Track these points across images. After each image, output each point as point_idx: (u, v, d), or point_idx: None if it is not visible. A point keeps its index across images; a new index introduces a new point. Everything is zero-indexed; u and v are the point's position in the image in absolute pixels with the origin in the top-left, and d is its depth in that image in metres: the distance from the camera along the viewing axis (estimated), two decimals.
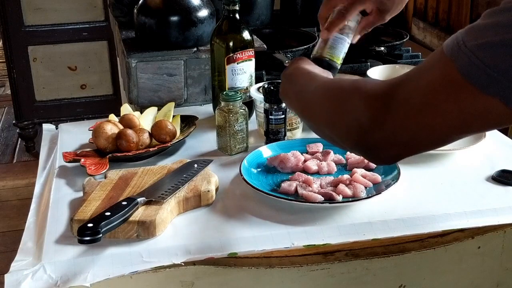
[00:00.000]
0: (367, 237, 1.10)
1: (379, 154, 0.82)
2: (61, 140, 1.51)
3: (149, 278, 1.05)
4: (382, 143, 0.80)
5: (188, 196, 1.17)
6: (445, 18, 2.75)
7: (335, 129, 0.87)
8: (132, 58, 1.63)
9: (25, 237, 1.14)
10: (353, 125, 0.81)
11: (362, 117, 0.80)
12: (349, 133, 0.83)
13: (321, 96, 0.92)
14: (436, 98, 0.73)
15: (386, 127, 0.78)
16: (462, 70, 0.70)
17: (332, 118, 0.87)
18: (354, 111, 0.81)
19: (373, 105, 0.79)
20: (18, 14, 3.37)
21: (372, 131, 0.79)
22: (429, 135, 0.77)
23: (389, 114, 0.77)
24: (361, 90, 0.82)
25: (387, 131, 0.78)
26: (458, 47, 0.71)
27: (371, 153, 0.83)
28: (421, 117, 0.75)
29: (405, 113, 0.76)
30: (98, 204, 1.13)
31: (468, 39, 0.71)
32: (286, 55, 1.76)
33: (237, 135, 1.38)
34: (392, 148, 0.80)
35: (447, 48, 0.73)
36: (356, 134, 0.81)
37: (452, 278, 1.20)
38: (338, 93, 0.88)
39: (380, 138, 0.79)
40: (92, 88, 3.60)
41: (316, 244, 1.08)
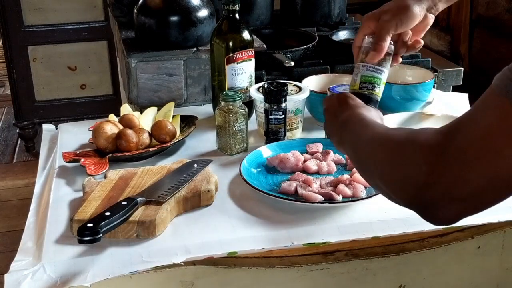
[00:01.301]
0: (367, 235, 1.10)
1: (437, 212, 0.74)
2: (61, 140, 1.51)
3: (149, 278, 1.05)
4: (440, 200, 0.72)
5: (188, 196, 1.17)
6: (445, 18, 2.75)
7: (389, 185, 0.81)
8: (132, 58, 1.63)
9: (25, 237, 1.14)
10: (408, 181, 0.75)
11: (418, 172, 0.73)
12: (404, 189, 0.77)
13: (376, 149, 0.86)
14: (496, 143, 0.67)
15: (442, 182, 0.71)
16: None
17: (387, 173, 0.81)
18: (409, 166, 0.75)
19: (428, 158, 0.72)
20: (18, 14, 3.37)
21: (428, 187, 0.72)
22: (492, 186, 0.69)
23: (445, 168, 0.70)
24: (415, 142, 0.76)
25: (445, 186, 0.71)
26: (510, 82, 0.66)
27: (429, 211, 0.75)
28: (481, 166, 0.68)
29: (463, 164, 0.69)
30: (98, 204, 1.13)
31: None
32: (286, 55, 1.76)
33: (237, 135, 1.38)
34: (452, 206, 0.72)
35: (499, 87, 0.68)
36: (411, 190, 0.75)
37: (452, 278, 1.20)
38: (393, 146, 0.82)
39: (437, 194, 0.72)
40: (92, 88, 3.60)
41: (315, 243, 1.08)
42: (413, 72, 1.66)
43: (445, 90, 1.83)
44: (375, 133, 0.89)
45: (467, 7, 2.62)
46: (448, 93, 1.80)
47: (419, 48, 1.22)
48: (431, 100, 1.61)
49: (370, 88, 1.16)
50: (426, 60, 1.85)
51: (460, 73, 1.86)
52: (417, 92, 1.56)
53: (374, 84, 1.16)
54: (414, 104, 1.58)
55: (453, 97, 1.74)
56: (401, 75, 1.65)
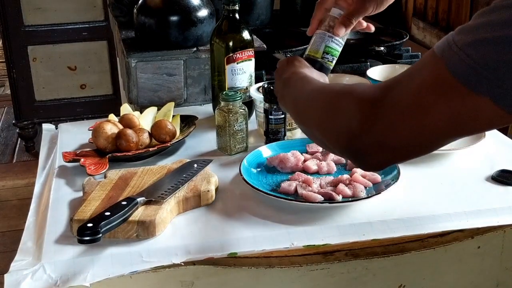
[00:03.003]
0: (367, 237, 1.10)
1: (367, 159, 0.80)
2: (60, 140, 1.51)
3: (149, 278, 1.05)
4: (371, 148, 0.77)
5: (188, 196, 1.17)
6: (444, 18, 2.75)
7: (325, 132, 0.85)
8: (131, 58, 1.63)
9: (24, 237, 1.14)
10: (343, 129, 0.80)
11: (352, 121, 0.78)
12: (338, 137, 0.81)
13: (313, 99, 0.91)
14: (426, 99, 0.71)
15: (374, 130, 0.76)
16: (451, 68, 0.69)
17: (323, 121, 0.86)
18: (344, 115, 0.80)
19: (362, 108, 0.77)
20: (18, 14, 3.37)
21: (360, 135, 0.77)
22: (419, 139, 0.74)
23: (378, 118, 0.75)
24: (352, 94, 0.81)
25: (376, 135, 0.76)
26: (448, 46, 0.70)
27: (360, 158, 0.81)
28: (410, 119, 0.73)
29: (394, 116, 0.74)
30: (97, 204, 1.13)
31: (458, 39, 0.70)
32: (286, 55, 1.76)
33: (237, 135, 1.38)
34: (381, 153, 0.78)
35: (438, 48, 0.72)
36: (345, 138, 0.80)
37: (452, 278, 1.20)
38: (330, 96, 0.87)
39: (368, 142, 0.77)
40: (91, 88, 3.60)
41: (316, 245, 1.08)
42: None
43: None
44: (314, 86, 0.95)
45: (467, 7, 2.62)
46: None
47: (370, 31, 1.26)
48: None
49: (330, 60, 1.20)
50: None
51: None
52: None
53: (334, 57, 1.20)
54: None
55: None
56: None
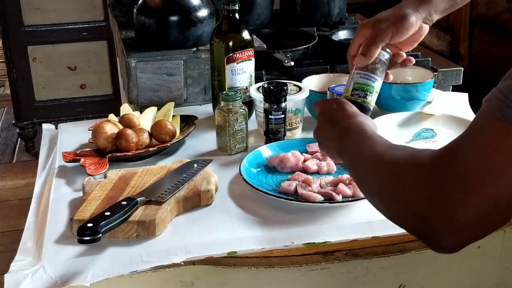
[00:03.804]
0: (367, 235, 1.10)
1: (442, 241, 0.70)
2: (60, 140, 1.51)
3: (149, 278, 1.05)
4: (443, 228, 0.69)
5: (188, 196, 1.17)
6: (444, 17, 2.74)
7: (390, 208, 0.78)
8: (131, 58, 1.63)
9: (25, 237, 1.14)
10: (409, 207, 0.72)
11: (418, 198, 0.71)
12: (405, 216, 0.74)
13: (374, 169, 0.83)
14: (496, 164, 0.66)
15: (444, 208, 0.68)
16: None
17: (386, 196, 0.78)
18: (409, 191, 0.72)
19: (427, 183, 0.70)
20: (18, 14, 3.37)
21: (429, 215, 0.69)
22: (496, 208, 0.67)
23: (446, 192, 0.68)
24: (415, 166, 0.73)
25: (447, 213, 0.68)
26: (505, 105, 0.65)
27: (433, 240, 0.71)
28: (482, 189, 0.66)
29: (464, 188, 0.67)
30: (97, 204, 1.13)
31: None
32: (285, 54, 1.76)
33: (237, 135, 1.38)
34: (456, 233, 0.69)
35: (492, 108, 0.67)
36: (413, 218, 0.72)
37: (451, 278, 1.20)
38: (393, 167, 0.78)
39: (440, 222, 0.69)
40: (91, 88, 3.60)
41: (315, 243, 1.08)
42: (413, 72, 1.65)
43: (445, 89, 1.83)
44: (376, 151, 0.86)
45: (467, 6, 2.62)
46: (448, 92, 1.80)
47: (410, 64, 1.23)
48: (431, 100, 1.61)
49: (362, 95, 1.15)
50: (426, 60, 1.85)
51: (460, 73, 1.86)
52: (417, 92, 1.56)
53: (367, 92, 1.15)
54: (414, 104, 1.58)
55: (453, 96, 1.74)
56: (401, 75, 1.65)
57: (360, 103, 1.14)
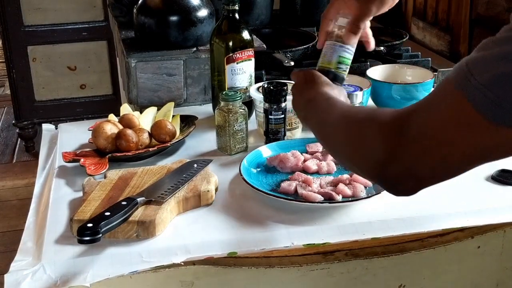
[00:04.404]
0: (367, 236, 1.10)
1: (398, 187, 0.81)
2: (60, 140, 1.51)
3: (149, 278, 1.05)
4: (399, 177, 0.79)
5: (188, 196, 1.17)
6: (444, 17, 2.74)
7: (353, 162, 0.88)
8: (131, 58, 1.63)
9: (24, 237, 1.14)
10: (370, 159, 0.81)
11: (378, 151, 0.79)
12: (366, 166, 0.83)
13: (338, 128, 0.92)
14: (452, 135, 0.72)
15: (401, 161, 0.77)
16: (476, 106, 0.69)
17: (350, 151, 0.88)
18: (370, 145, 0.81)
19: (387, 139, 0.79)
20: (18, 14, 3.37)
21: (388, 165, 0.78)
22: (447, 168, 0.76)
23: (404, 149, 0.76)
24: (375, 122, 0.82)
25: (403, 166, 0.77)
26: (468, 80, 0.70)
27: (390, 186, 0.82)
28: (437, 153, 0.74)
29: (421, 149, 0.75)
30: (97, 204, 1.13)
31: (477, 72, 0.69)
32: (285, 54, 1.76)
33: (237, 135, 1.38)
34: (410, 182, 0.79)
35: (456, 81, 0.72)
36: (373, 168, 0.81)
37: (451, 278, 1.20)
38: (354, 125, 0.88)
39: (397, 172, 0.78)
40: (91, 88, 3.60)
41: (315, 244, 1.08)
42: (413, 72, 1.66)
43: None
44: (338, 113, 0.95)
45: (467, 6, 2.62)
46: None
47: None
48: None
49: (344, 69, 1.21)
50: (426, 60, 1.85)
51: None
52: (417, 92, 1.56)
53: (347, 66, 1.21)
54: None
55: None
56: (401, 75, 1.65)
57: (341, 76, 1.20)
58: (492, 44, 0.70)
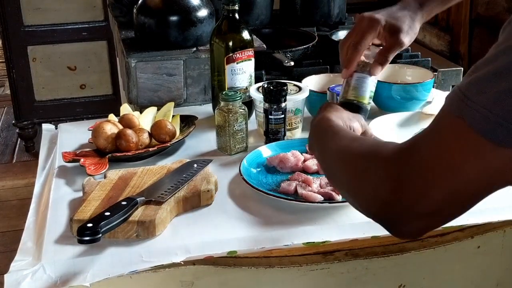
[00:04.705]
0: (367, 235, 1.10)
1: (402, 228, 0.76)
2: (60, 140, 1.51)
3: (149, 278, 1.05)
4: (404, 216, 0.74)
5: (188, 196, 1.17)
6: (444, 18, 2.74)
7: (356, 198, 0.83)
8: (131, 58, 1.63)
9: (24, 237, 1.14)
10: (372, 196, 0.77)
11: (380, 187, 0.75)
12: (369, 204, 0.79)
13: (339, 163, 0.89)
14: (453, 161, 0.68)
15: (405, 198, 0.72)
16: (475, 127, 0.66)
17: (352, 186, 0.83)
18: (372, 181, 0.77)
19: (390, 173, 0.74)
20: (18, 14, 3.37)
21: (391, 203, 0.74)
22: (455, 201, 0.71)
23: (407, 183, 0.72)
24: (377, 158, 0.78)
25: (407, 203, 0.72)
26: (465, 104, 0.67)
27: (394, 226, 0.77)
28: (442, 184, 0.70)
29: (424, 181, 0.71)
30: (97, 204, 1.13)
31: (472, 94, 0.67)
32: (285, 54, 1.76)
33: (237, 135, 1.38)
34: (416, 221, 0.74)
35: (452, 108, 0.69)
36: (376, 206, 0.77)
37: (451, 277, 1.20)
38: (356, 159, 0.84)
39: (401, 210, 0.73)
40: (91, 88, 3.60)
41: (315, 242, 1.08)
42: (413, 72, 1.66)
43: (445, 89, 1.82)
44: (340, 146, 0.91)
45: (467, 6, 2.62)
46: (448, 92, 1.79)
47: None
48: (431, 100, 1.61)
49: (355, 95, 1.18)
50: (426, 60, 1.85)
51: (460, 73, 1.86)
52: (417, 92, 1.56)
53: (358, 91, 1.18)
54: (414, 104, 1.58)
55: None
56: (401, 75, 1.65)
57: (355, 103, 1.17)
58: (482, 65, 0.68)
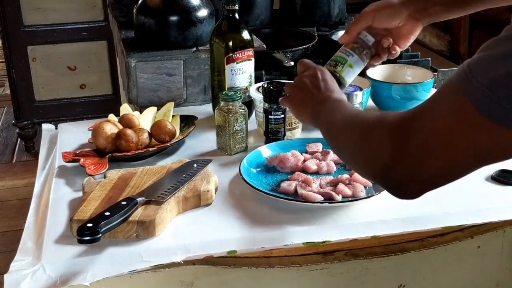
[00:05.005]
0: (367, 235, 1.10)
1: (401, 190, 0.82)
2: (60, 140, 1.51)
3: (149, 278, 1.05)
4: (404, 180, 0.79)
5: (188, 196, 1.17)
6: None
7: (359, 162, 0.88)
8: (131, 58, 1.63)
9: (24, 237, 1.14)
10: (376, 160, 0.82)
11: (383, 153, 0.80)
12: (372, 167, 0.84)
13: (346, 128, 0.93)
14: (454, 136, 0.73)
15: (405, 164, 0.78)
16: (478, 106, 0.69)
17: (356, 152, 0.88)
18: (376, 147, 0.82)
19: (392, 138, 0.79)
20: (18, 14, 3.37)
21: (393, 167, 0.79)
22: (450, 171, 0.77)
23: (408, 152, 0.77)
24: (382, 124, 0.82)
25: (407, 169, 0.78)
26: (469, 82, 0.70)
27: (394, 188, 0.82)
28: (440, 155, 0.75)
29: (424, 152, 0.76)
30: (97, 204, 1.13)
31: (478, 73, 0.69)
32: (285, 54, 1.76)
33: (237, 135, 1.38)
34: (414, 185, 0.80)
35: (458, 83, 0.72)
36: (378, 170, 0.82)
37: (451, 278, 1.20)
38: (363, 126, 0.88)
39: (401, 174, 0.79)
40: (91, 88, 3.60)
41: (315, 242, 1.08)
42: (413, 72, 1.66)
43: None
44: (348, 116, 0.97)
45: None
46: None
47: (395, 55, 1.28)
48: None
49: (333, 65, 1.25)
50: (426, 60, 1.85)
51: None
52: (417, 92, 1.56)
53: (338, 63, 1.25)
54: (414, 104, 1.57)
55: None
56: (400, 75, 1.65)
57: (331, 72, 1.22)
58: (493, 45, 0.70)
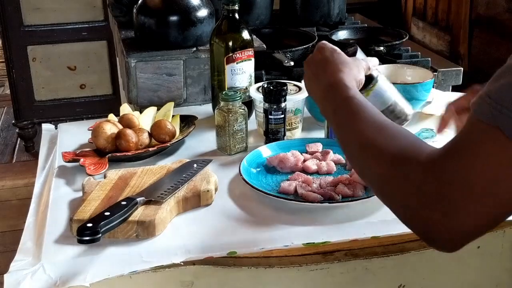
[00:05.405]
0: (367, 235, 1.10)
1: (445, 244, 0.72)
2: (60, 140, 1.51)
3: (149, 278, 1.05)
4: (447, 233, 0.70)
5: (188, 196, 1.17)
6: (444, 17, 2.74)
7: (386, 198, 0.79)
8: (131, 58, 1.63)
9: (24, 237, 1.14)
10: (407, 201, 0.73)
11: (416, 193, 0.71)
12: (402, 207, 0.75)
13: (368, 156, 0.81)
14: (499, 174, 0.66)
15: (449, 215, 0.68)
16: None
17: (382, 186, 0.78)
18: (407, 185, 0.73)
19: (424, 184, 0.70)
20: (18, 14, 3.37)
21: (433, 221, 0.70)
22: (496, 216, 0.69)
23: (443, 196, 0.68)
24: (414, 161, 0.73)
25: (451, 220, 0.68)
26: (500, 113, 0.65)
27: (436, 243, 0.73)
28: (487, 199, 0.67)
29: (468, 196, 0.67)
30: (97, 204, 1.13)
31: (505, 102, 0.65)
32: (285, 54, 1.76)
33: (237, 135, 1.38)
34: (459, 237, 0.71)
35: (483, 114, 0.67)
36: (417, 223, 0.73)
37: (451, 278, 1.20)
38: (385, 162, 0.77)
39: (444, 228, 0.69)
40: (91, 88, 3.60)
41: (315, 243, 1.08)
42: (413, 72, 1.66)
43: (445, 90, 1.83)
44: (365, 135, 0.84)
45: (467, 6, 2.62)
46: (448, 92, 1.80)
47: None
48: (431, 100, 1.61)
49: None
50: (426, 60, 1.85)
51: (460, 73, 1.86)
52: (417, 92, 1.56)
53: None
54: (414, 104, 1.58)
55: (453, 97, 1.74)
56: (400, 75, 1.65)
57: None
58: (508, 72, 0.67)
